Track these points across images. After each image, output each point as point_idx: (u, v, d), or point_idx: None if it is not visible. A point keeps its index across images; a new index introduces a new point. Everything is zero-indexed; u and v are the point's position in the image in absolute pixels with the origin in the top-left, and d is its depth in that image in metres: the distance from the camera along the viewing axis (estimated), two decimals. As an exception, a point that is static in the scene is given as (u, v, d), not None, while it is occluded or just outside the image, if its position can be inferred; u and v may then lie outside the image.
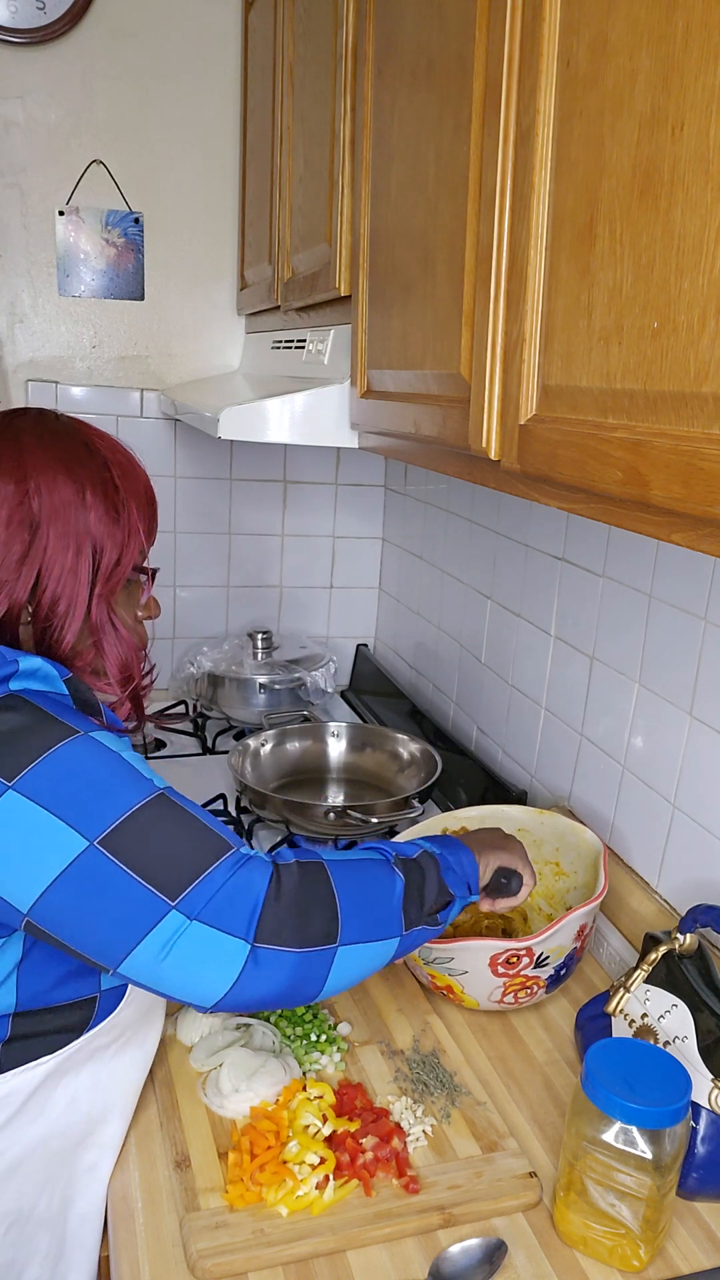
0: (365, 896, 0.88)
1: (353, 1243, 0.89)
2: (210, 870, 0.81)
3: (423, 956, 1.14)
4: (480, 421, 0.91)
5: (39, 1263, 0.94)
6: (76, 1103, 0.93)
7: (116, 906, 0.78)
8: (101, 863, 0.78)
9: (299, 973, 0.83)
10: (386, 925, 0.89)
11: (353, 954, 0.86)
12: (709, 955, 1.03)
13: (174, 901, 0.79)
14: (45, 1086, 0.90)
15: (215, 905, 0.80)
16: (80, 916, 0.78)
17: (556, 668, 1.53)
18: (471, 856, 1.01)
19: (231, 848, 0.84)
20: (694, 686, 1.19)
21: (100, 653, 0.94)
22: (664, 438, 0.64)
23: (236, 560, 2.31)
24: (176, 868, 0.80)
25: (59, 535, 0.89)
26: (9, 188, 1.99)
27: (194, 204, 2.09)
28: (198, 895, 0.80)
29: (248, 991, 0.81)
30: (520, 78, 0.81)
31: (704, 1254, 0.91)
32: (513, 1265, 0.88)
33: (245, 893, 0.81)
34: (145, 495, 0.98)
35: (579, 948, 1.17)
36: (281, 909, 0.82)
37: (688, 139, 0.60)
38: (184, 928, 0.79)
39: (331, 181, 1.36)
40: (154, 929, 0.78)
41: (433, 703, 2.05)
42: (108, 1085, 0.95)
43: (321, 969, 0.84)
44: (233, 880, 0.81)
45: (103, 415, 2.13)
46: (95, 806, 0.79)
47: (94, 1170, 0.96)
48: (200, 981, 0.80)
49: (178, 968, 0.79)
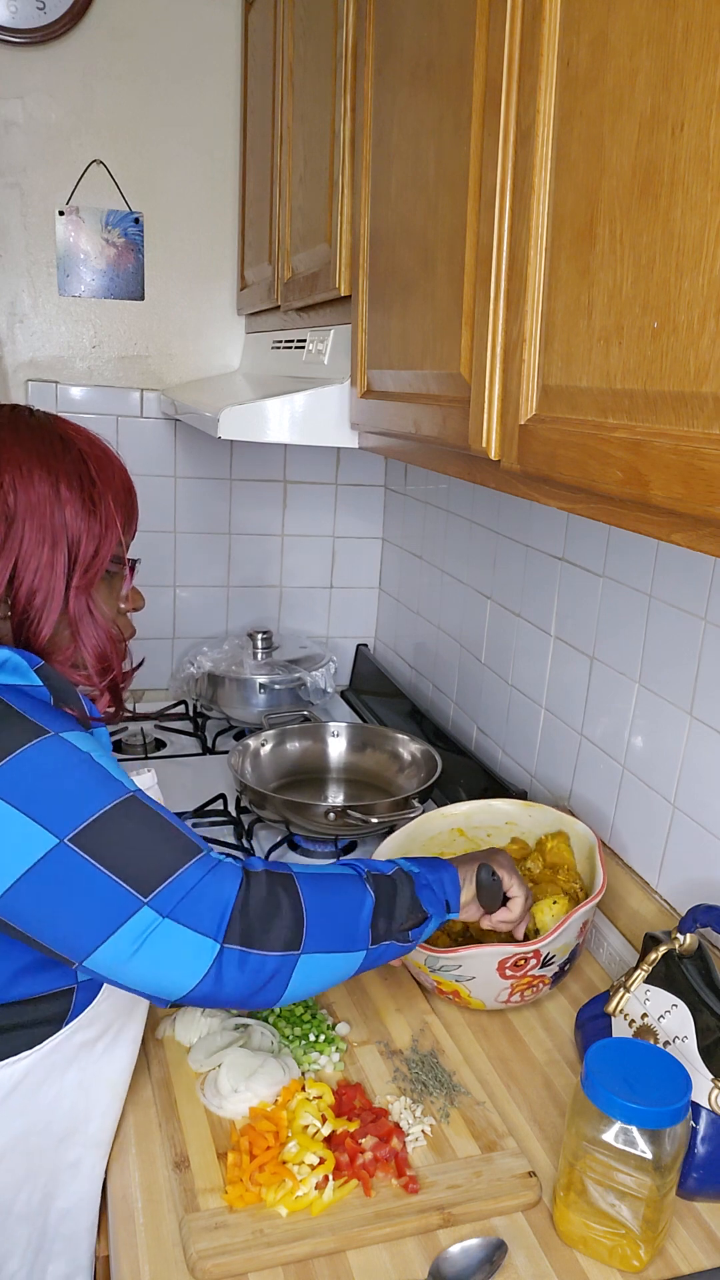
0: (331, 908, 0.90)
1: (352, 1243, 0.89)
2: (183, 870, 0.82)
3: (429, 965, 1.14)
4: (480, 421, 0.91)
5: (19, 1255, 0.94)
6: (61, 1101, 0.92)
7: (87, 902, 0.79)
8: (73, 859, 0.79)
9: (261, 976, 0.84)
10: (351, 938, 0.91)
11: (315, 962, 0.87)
12: (709, 955, 1.03)
13: (146, 898, 0.80)
14: (27, 1083, 0.90)
15: (187, 904, 0.81)
16: (48, 911, 0.79)
17: (556, 668, 1.53)
18: (453, 873, 1.03)
19: (202, 851, 0.85)
20: (694, 686, 1.19)
21: (79, 644, 0.95)
22: (664, 438, 0.64)
23: (236, 560, 2.31)
24: (149, 866, 0.81)
25: (34, 529, 0.90)
26: (9, 188, 1.99)
27: (194, 204, 2.09)
28: (170, 893, 0.81)
29: (211, 991, 0.82)
30: (520, 78, 0.81)
31: (704, 1254, 0.91)
32: (513, 1265, 0.88)
33: (217, 894, 0.83)
34: (122, 487, 0.98)
35: (580, 943, 1.18)
36: (250, 913, 0.84)
37: (688, 139, 0.60)
38: (156, 924, 0.80)
39: (331, 181, 1.36)
40: (125, 924, 0.79)
41: (433, 703, 2.05)
42: (94, 1083, 0.95)
43: (284, 974, 0.85)
44: (205, 881, 0.83)
45: (103, 415, 2.13)
46: (65, 806, 0.80)
47: (77, 1166, 0.96)
48: (166, 978, 0.81)
49: (146, 964, 0.80)
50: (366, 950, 0.92)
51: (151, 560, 2.22)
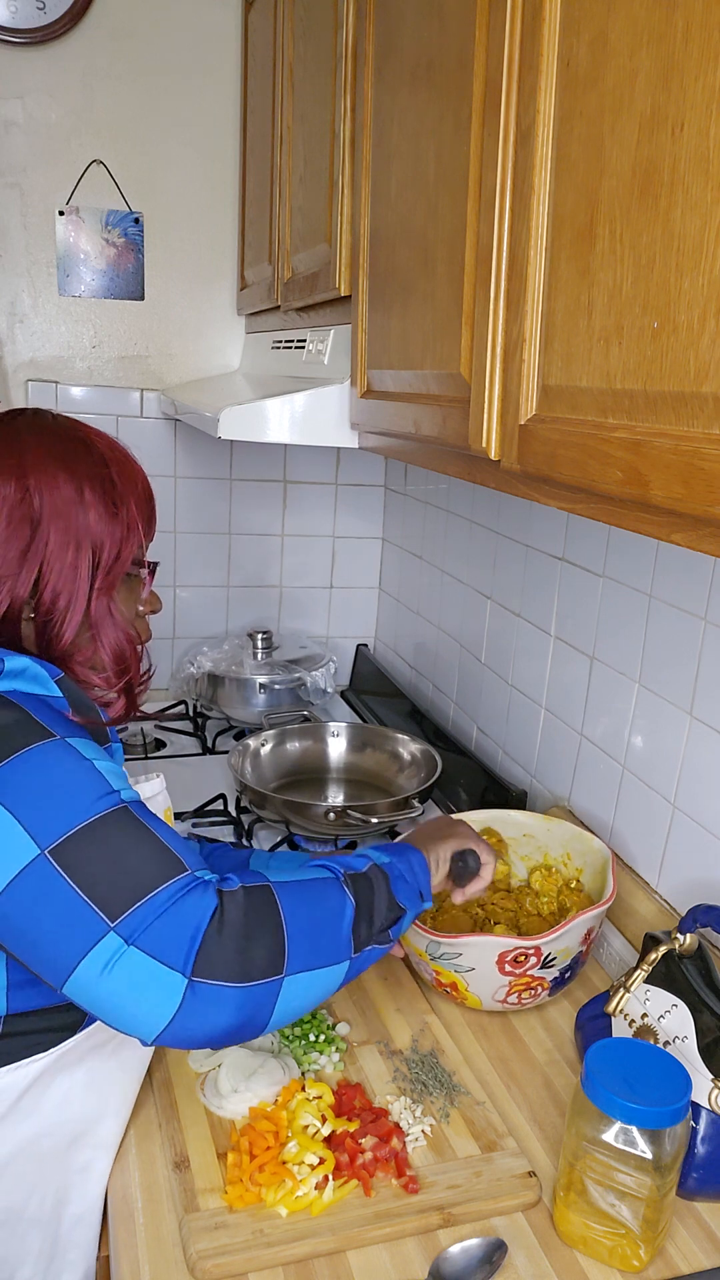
0: (314, 922, 0.86)
1: (352, 1243, 0.89)
2: (154, 893, 0.78)
3: (430, 952, 1.14)
4: (480, 421, 0.91)
5: (32, 1263, 0.94)
6: (70, 1102, 0.92)
7: (59, 921, 0.77)
8: (48, 873, 0.77)
9: (244, 1010, 0.79)
10: (335, 950, 0.87)
11: (300, 983, 0.83)
12: (709, 955, 1.03)
13: (113, 923, 0.76)
14: (38, 1085, 0.90)
15: (154, 932, 0.77)
16: (27, 927, 0.77)
17: (556, 668, 1.53)
18: (421, 858, 1.00)
19: (185, 870, 0.81)
20: (694, 686, 1.19)
21: (98, 646, 0.95)
22: (664, 438, 0.64)
23: (236, 560, 2.31)
24: (120, 886, 0.77)
25: (59, 532, 0.90)
26: (9, 188, 1.99)
27: (194, 204, 2.09)
28: (137, 919, 0.77)
29: (189, 1028, 0.77)
30: (520, 78, 0.81)
31: (704, 1254, 0.91)
32: (513, 1265, 0.88)
33: (185, 922, 0.78)
34: (143, 491, 0.99)
35: (584, 952, 1.17)
36: (224, 941, 0.79)
37: (688, 139, 0.60)
38: (121, 952, 0.76)
39: (331, 181, 1.36)
40: (93, 949, 0.76)
41: (433, 703, 2.05)
42: (102, 1085, 0.95)
43: (268, 1001, 0.81)
44: (174, 907, 0.78)
45: (103, 415, 2.13)
46: (52, 812, 0.78)
47: (88, 1170, 0.95)
48: (138, 1013, 0.77)
49: (115, 995, 0.77)
50: (350, 960, 0.88)
51: (151, 559, 2.22)
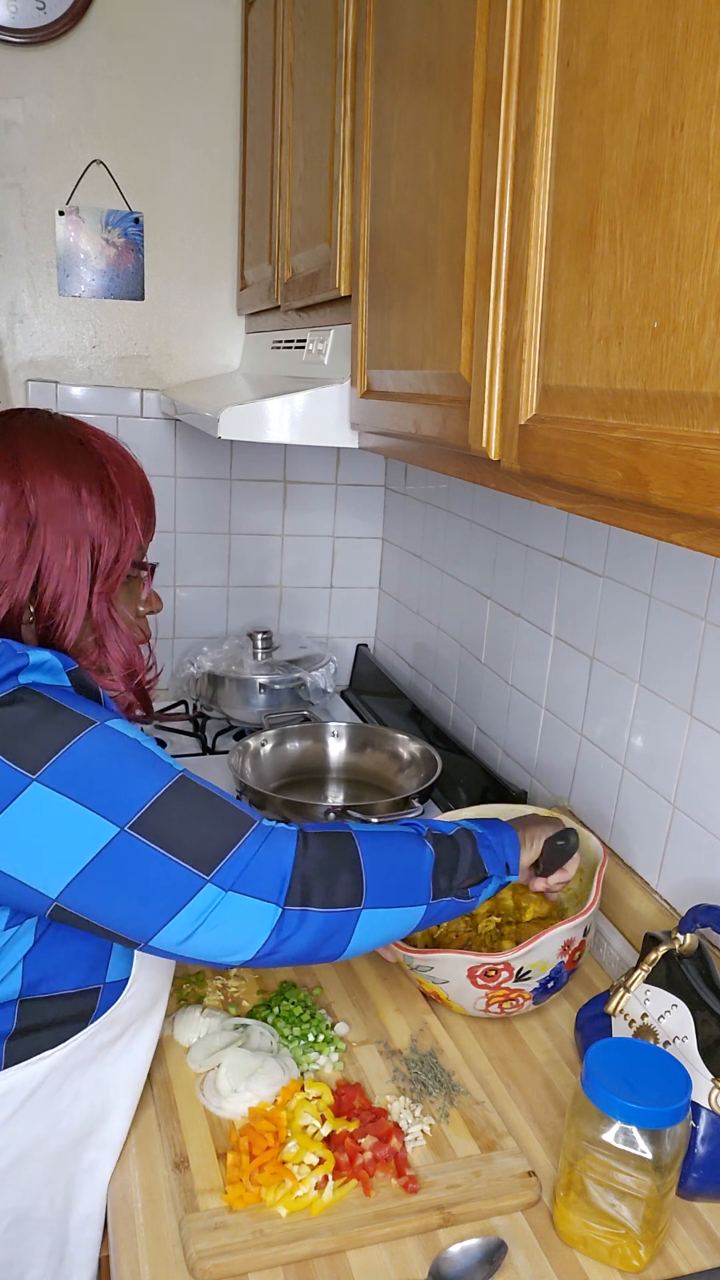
0: (391, 864, 0.92)
1: (352, 1243, 0.89)
2: (240, 844, 0.85)
3: (408, 963, 1.14)
4: (480, 421, 0.91)
5: (41, 1263, 0.94)
6: (79, 1101, 0.92)
7: (152, 885, 0.81)
8: (134, 845, 0.81)
9: (323, 933, 0.87)
10: (413, 892, 0.93)
11: (377, 918, 0.90)
12: (709, 955, 1.03)
13: (209, 875, 0.82)
14: (49, 1084, 0.90)
15: (249, 875, 0.84)
16: (113, 897, 0.81)
17: (556, 668, 1.53)
18: (514, 836, 1.05)
19: (255, 821, 0.88)
20: (694, 686, 1.19)
21: (103, 650, 0.96)
22: (664, 438, 0.64)
23: (236, 560, 2.31)
24: (208, 844, 0.83)
25: (56, 534, 0.90)
26: (9, 188, 1.99)
27: (194, 204, 2.09)
28: (231, 868, 0.83)
29: (275, 951, 0.85)
30: (520, 78, 0.81)
31: (704, 1254, 0.91)
32: (513, 1265, 0.88)
33: (276, 861, 0.86)
34: (141, 491, 0.99)
35: (568, 962, 1.14)
36: (309, 873, 0.86)
37: (688, 139, 0.60)
38: (220, 899, 0.83)
39: (331, 181, 1.36)
40: (189, 903, 0.82)
41: (433, 703, 2.05)
42: (110, 1084, 0.95)
43: (346, 930, 0.88)
44: (263, 850, 0.85)
45: (103, 415, 2.13)
46: (121, 794, 0.82)
47: (94, 1170, 0.96)
48: (230, 946, 0.84)
49: (211, 936, 0.83)
50: (427, 905, 0.94)
51: (151, 559, 2.22)
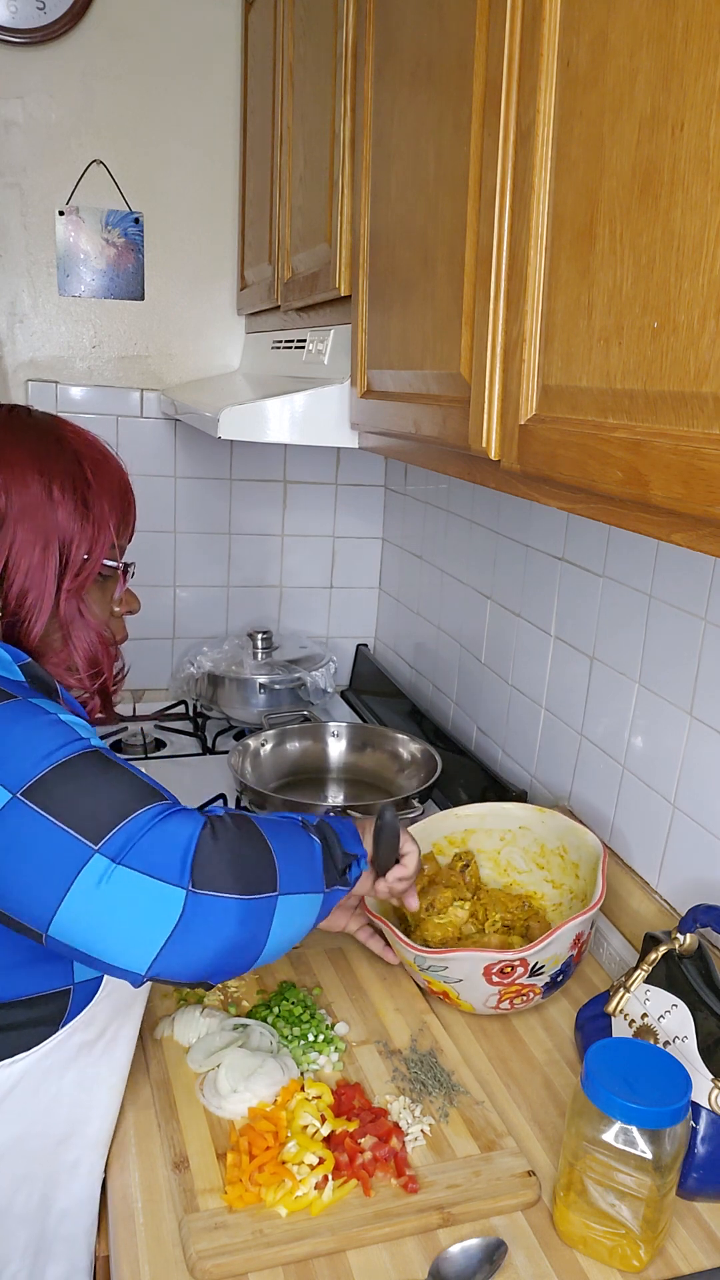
0: (295, 850, 0.89)
1: (352, 1243, 0.89)
2: (134, 815, 0.78)
3: (418, 964, 1.14)
4: (480, 421, 0.91)
5: (19, 1257, 0.94)
6: (59, 1102, 0.92)
7: (42, 857, 0.76)
8: (24, 812, 0.77)
9: (245, 924, 0.79)
10: (314, 880, 0.90)
11: (292, 905, 0.85)
12: (709, 955, 1.03)
13: (97, 845, 0.76)
14: (25, 1086, 0.90)
15: (142, 848, 0.77)
16: (8, 872, 0.77)
17: (556, 668, 1.53)
18: (349, 821, 1.04)
19: (163, 799, 0.82)
20: (694, 686, 1.19)
21: (69, 646, 0.95)
22: (664, 438, 0.64)
23: (236, 560, 2.31)
24: (100, 812, 0.78)
25: (26, 531, 0.91)
26: (9, 188, 1.99)
27: (194, 204, 2.09)
28: (122, 836, 0.77)
29: (189, 947, 0.77)
30: (520, 78, 0.81)
31: (704, 1254, 0.91)
32: (513, 1265, 0.88)
33: (174, 836, 0.78)
34: (118, 490, 0.99)
35: (576, 955, 1.16)
36: (219, 850, 0.80)
37: (688, 139, 0.60)
38: (109, 871, 0.76)
39: (331, 181, 1.36)
40: (78, 875, 0.76)
41: (433, 703, 2.05)
42: (91, 1085, 0.95)
43: (265, 919, 0.81)
44: (159, 825, 0.79)
45: (103, 415, 2.13)
46: (19, 761, 0.79)
47: (76, 1167, 0.96)
48: (132, 936, 0.76)
49: (107, 920, 0.76)
50: (324, 893, 0.91)
51: (151, 560, 2.22)
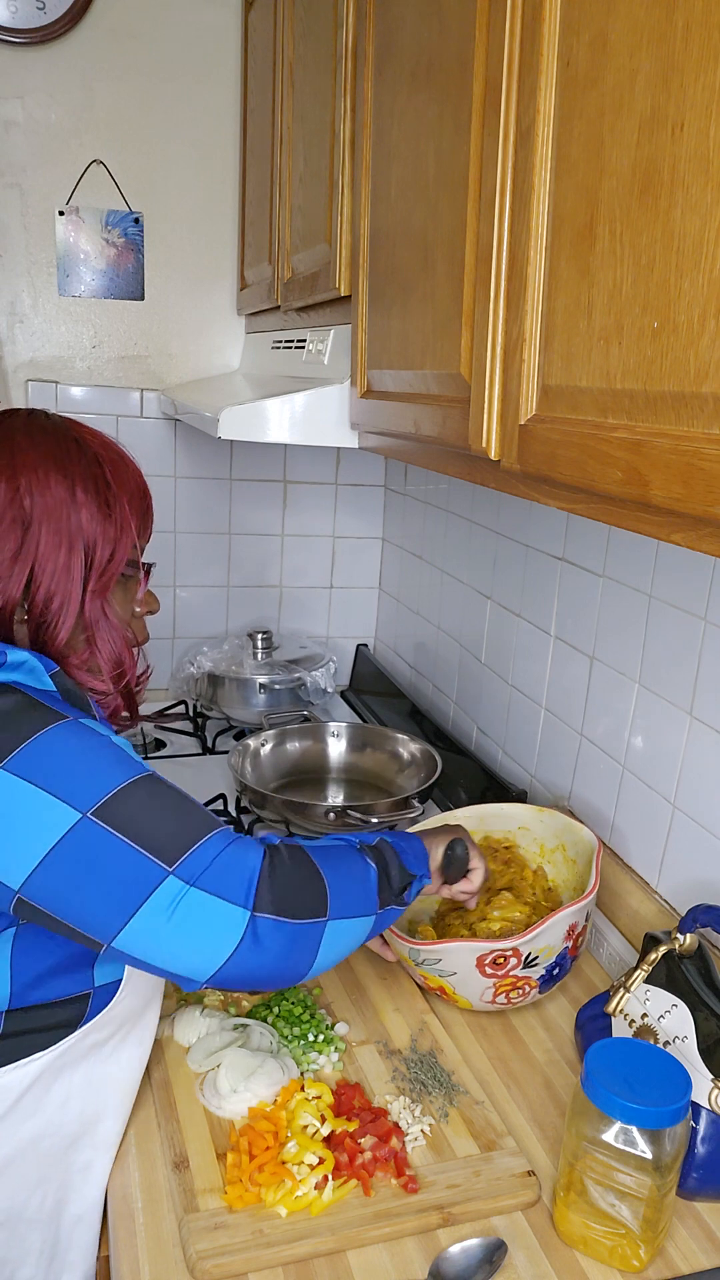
0: (346, 876, 0.93)
1: (352, 1243, 0.89)
2: (206, 839, 0.83)
3: (413, 958, 1.14)
4: (480, 421, 0.91)
5: (32, 1263, 0.94)
6: (70, 1101, 0.92)
7: (113, 875, 0.79)
8: (95, 832, 0.79)
9: (296, 946, 0.85)
10: (366, 904, 0.94)
11: (340, 929, 0.90)
12: (709, 955, 1.03)
13: (171, 867, 0.80)
14: (39, 1084, 0.90)
15: (213, 872, 0.82)
16: (75, 888, 0.79)
17: (556, 668, 1.53)
18: (419, 841, 1.07)
19: (222, 825, 0.87)
20: (694, 686, 1.19)
21: (94, 649, 0.95)
22: (664, 438, 0.64)
23: (236, 560, 2.31)
24: (172, 835, 0.82)
25: (51, 533, 0.91)
26: (9, 188, 1.99)
27: (194, 204, 2.09)
28: (195, 861, 0.81)
29: (244, 964, 0.82)
30: (520, 78, 0.81)
31: (704, 1254, 0.91)
32: (513, 1265, 0.88)
33: (242, 863, 0.84)
34: (138, 491, 0.99)
35: (571, 947, 1.16)
36: (277, 881, 0.85)
37: (688, 139, 0.60)
38: (183, 893, 0.80)
39: (331, 181, 1.36)
40: (152, 895, 0.80)
41: (433, 703, 2.05)
42: (103, 1084, 0.95)
43: (313, 942, 0.87)
44: (229, 850, 0.84)
45: (103, 415, 2.13)
46: (86, 782, 0.81)
47: (88, 1170, 0.95)
48: (199, 952, 0.81)
49: (178, 937, 0.80)
50: (376, 915, 0.95)
51: (151, 560, 2.22)
